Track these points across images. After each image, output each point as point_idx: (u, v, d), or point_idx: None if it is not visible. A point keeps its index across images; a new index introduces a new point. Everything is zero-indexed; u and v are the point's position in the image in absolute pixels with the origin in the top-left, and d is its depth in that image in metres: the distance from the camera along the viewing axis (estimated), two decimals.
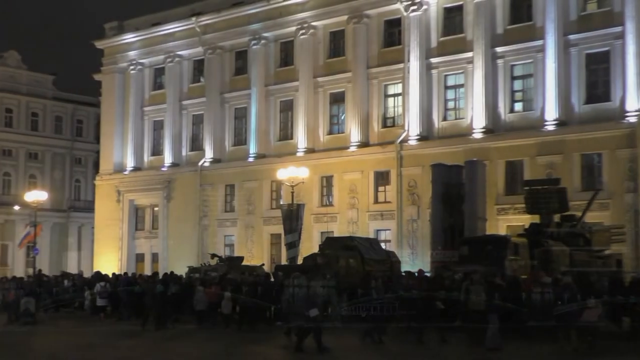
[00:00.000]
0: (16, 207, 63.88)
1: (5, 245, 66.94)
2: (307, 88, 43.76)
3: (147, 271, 45.92)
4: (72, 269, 58.86)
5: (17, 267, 64.37)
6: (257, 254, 44.03)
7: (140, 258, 51.31)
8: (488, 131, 37.53)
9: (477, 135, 37.74)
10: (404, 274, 27.11)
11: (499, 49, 37.90)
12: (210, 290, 26.29)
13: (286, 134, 45.55)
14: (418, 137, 39.57)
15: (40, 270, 42.45)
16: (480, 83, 37.74)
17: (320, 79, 43.72)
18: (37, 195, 50.13)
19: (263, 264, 38.26)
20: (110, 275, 34.82)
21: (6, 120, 68.12)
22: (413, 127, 39.74)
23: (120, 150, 52.68)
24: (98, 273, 35.98)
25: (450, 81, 39.96)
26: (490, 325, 18.95)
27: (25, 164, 69.18)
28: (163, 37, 50.49)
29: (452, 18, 40.09)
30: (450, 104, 40.04)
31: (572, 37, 35.95)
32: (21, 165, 68.85)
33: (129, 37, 52.36)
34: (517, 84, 38.11)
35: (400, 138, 40.10)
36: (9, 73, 68.66)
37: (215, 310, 25.78)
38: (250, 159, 45.74)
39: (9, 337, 24.68)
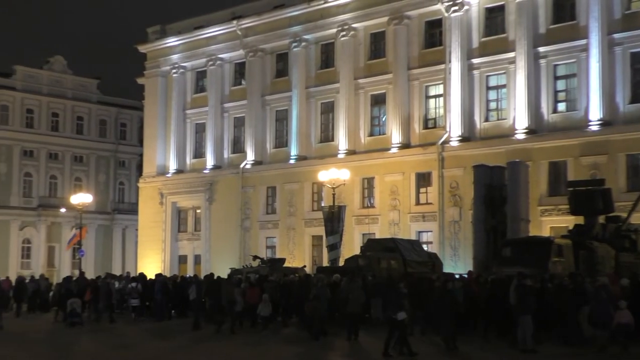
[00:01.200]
0: (62, 210, 65.00)
1: (52, 247, 68.16)
2: (348, 90, 43.78)
3: (190, 273, 46.42)
4: (116, 270, 59.76)
5: (64, 269, 65.56)
6: (298, 256, 44.16)
7: (183, 260, 51.76)
8: (531, 132, 37.16)
9: (520, 136, 37.39)
10: (458, 276, 26.33)
11: (541, 49, 37.51)
12: (253, 291, 26.50)
13: (327, 135, 45.61)
14: (460, 138, 39.34)
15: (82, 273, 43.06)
16: (522, 83, 37.39)
17: (361, 81, 43.71)
18: (82, 198, 50.89)
19: (305, 266, 38.32)
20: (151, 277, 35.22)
21: (52, 124, 69.42)
22: (454, 128, 39.52)
23: (163, 153, 53.21)
24: (142, 275, 36.39)
25: (492, 82, 39.66)
26: (523, 326, 18.86)
27: (71, 167, 70.39)
28: (205, 40, 50.91)
29: (494, 18, 39.80)
30: (492, 105, 39.74)
31: (616, 36, 35.44)
32: (67, 168, 70.06)
33: (172, 41, 52.90)
34: (560, 84, 37.65)
35: (442, 139, 39.91)
36: (55, 78, 69.97)
37: (253, 311, 25.91)
38: (291, 161, 45.90)
39: (56, 336, 25.09)
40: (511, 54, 38.14)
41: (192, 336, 24.22)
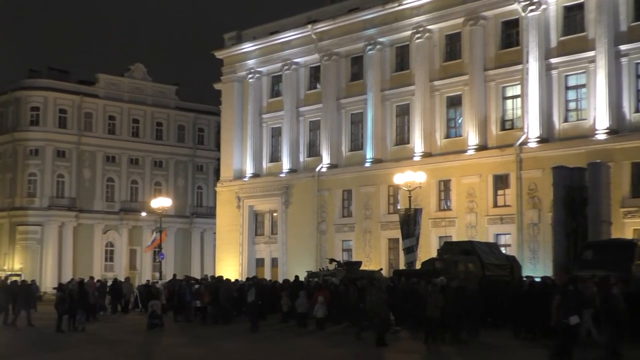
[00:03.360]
0: (143, 214, 66.51)
1: (134, 250, 69.81)
2: (424, 92, 43.55)
3: (267, 276, 46.95)
4: (195, 273, 60.75)
5: (145, 272, 67.19)
6: (374, 259, 44.11)
7: (260, 263, 52.25)
8: (612, 132, 36.27)
9: (600, 136, 36.53)
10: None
11: (622, 47, 36.58)
12: (324, 293, 27.18)
13: (402, 138, 45.45)
14: (538, 139, 38.68)
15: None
16: (603, 83, 36.52)
17: (436, 83, 43.44)
18: (162, 202, 51.89)
19: (381, 269, 38.26)
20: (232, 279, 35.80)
21: (133, 130, 71.14)
22: (533, 129, 38.88)
23: (239, 157, 53.86)
24: (221, 278, 36.94)
25: (572, 81, 38.86)
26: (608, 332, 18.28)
27: (151, 172, 72.00)
28: (280, 45, 51.38)
29: (573, 17, 39.02)
30: (572, 105, 38.93)
31: None
32: (147, 173, 71.70)
33: (247, 47, 53.54)
34: None
35: (520, 141, 39.31)
36: (135, 85, 71.71)
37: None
38: (367, 164, 45.89)
39: (136, 337, 25.68)
40: (591, 53, 37.31)
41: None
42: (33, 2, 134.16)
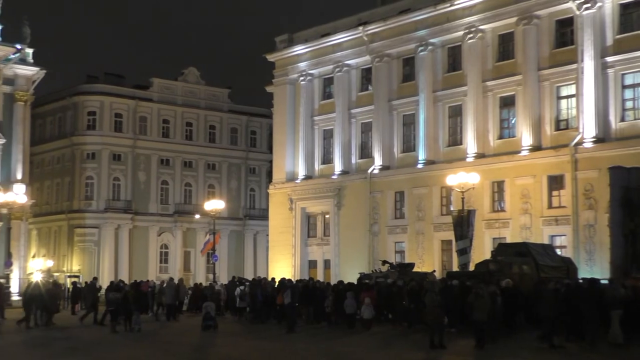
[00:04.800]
0: (197, 216, 67.24)
1: (188, 252, 70.65)
2: (476, 92, 43.22)
3: (320, 277, 47.04)
4: (248, 275, 61.19)
5: (199, 273, 67.97)
6: (427, 261, 43.91)
7: (312, 265, 52.41)
8: None
9: None
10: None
11: None
12: (371, 294, 27.65)
13: (455, 139, 45.16)
14: (594, 139, 38.08)
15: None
16: None
17: (489, 83, 43.08)
18: (215, 204, 52.30)
19: (434, 271, 38.07)
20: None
21: (187, 133, 72.02)
22: (588, 129, 38.29)
23: (292, 160, 54.09)
24: (273, 280, 37.22)
25: (628, 80, 38.16)
26: None
27: (204, 175, 72.78)
28: (331, 47, 51.48)
29: (629, 14, 38.32)
30: (629, 104, 38.22)
31: None
32: (201, 176, 72.50)
33: (299, 49, 53.78)
34: None
35: (575, 141, 38.75)
36: (189, 89, 72.61)
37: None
38: (420, 166, 45.71)
39: (189, 337, 26.00)
40: None
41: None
42: (89, 11, 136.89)
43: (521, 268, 28.79)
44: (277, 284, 33.29)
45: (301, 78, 53.45)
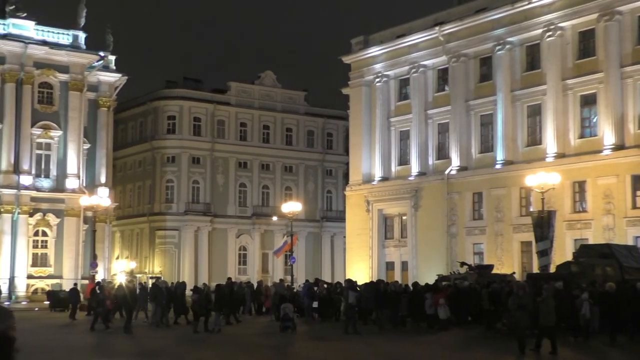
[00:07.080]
0: (274, 218, 67.89)
1: (266, 253, 71.36)
2: (556, 91, 42.43)
3: (398, 279, 46.79)
4: (326, 277, 61.49)
5: (276, 275, 68.44)
6: (506, 262, 43.31)
7: (390, 266, 52.32)
8: None
9: None
10: None
11: None
12: (440, 296, 27.86)
13: (534, 139, 44.42)
14: None
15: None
16: None
17: (569, 82, 42.23)
18: (292, 207, 52.68)
19: (514, 273, 37.51)
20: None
21: (264, 136, 72.80)
22: None
23: (368, 161, 54.11)
24: (350, 281, 37.25)
25: None
26: None
27: (282, 177, 73.43)
28: (407, 48, 51.30)
29: None
30: None
31: None
32: (278, 178, 73.17)
33: (374, 51, 53.76)
34: None
35: None
36: (265, 92, 73.40)
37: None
38: (498, 166, 45.13)
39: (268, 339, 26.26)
40: None
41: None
42: (168, 19, 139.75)
43: (604, 270, 28.10)
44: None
45: (377, 79, 53.41)
